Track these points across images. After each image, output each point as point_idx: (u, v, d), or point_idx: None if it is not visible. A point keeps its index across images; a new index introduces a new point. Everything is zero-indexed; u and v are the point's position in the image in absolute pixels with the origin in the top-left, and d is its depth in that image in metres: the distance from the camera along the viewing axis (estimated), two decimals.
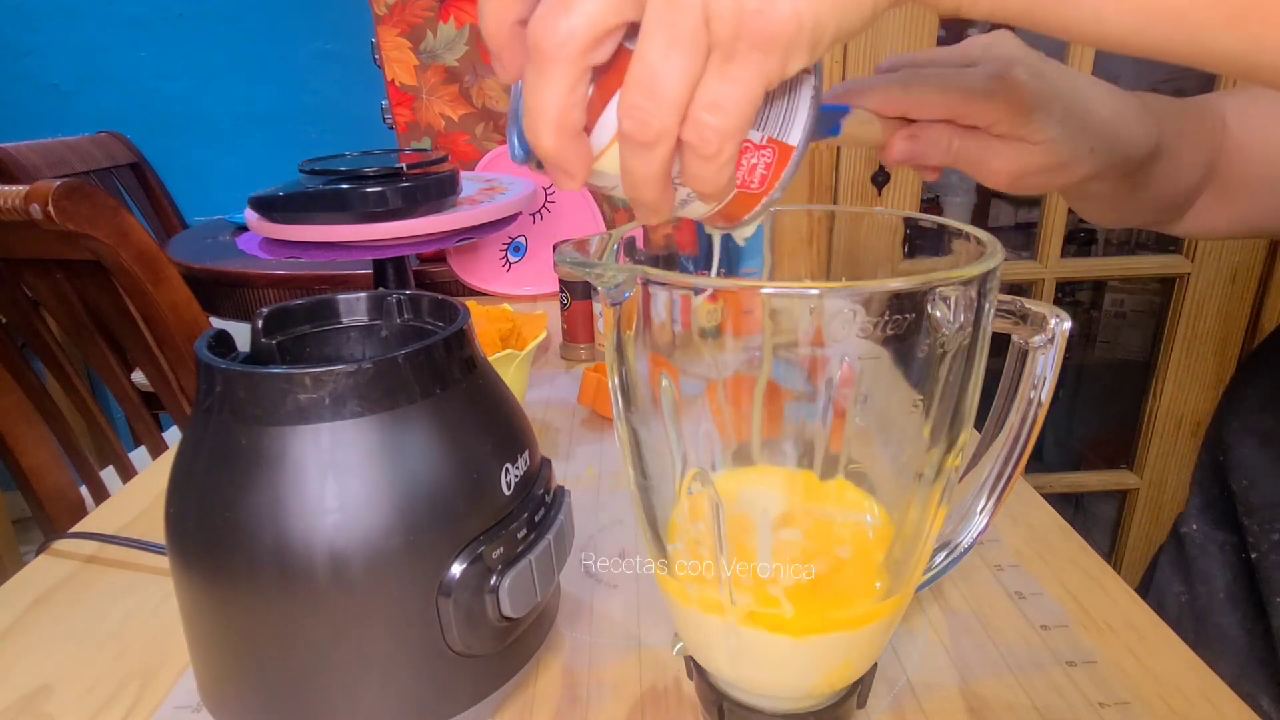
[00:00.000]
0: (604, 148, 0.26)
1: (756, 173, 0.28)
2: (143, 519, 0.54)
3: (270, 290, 1.07)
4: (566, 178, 0.26)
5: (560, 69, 0.24)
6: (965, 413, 0.29)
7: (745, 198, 0.29)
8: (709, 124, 0.25)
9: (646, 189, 0.26)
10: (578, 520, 0.42)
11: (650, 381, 0.29)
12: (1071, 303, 1.55)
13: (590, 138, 0.26)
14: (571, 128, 0.25)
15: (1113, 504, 1.39)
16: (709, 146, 0.25)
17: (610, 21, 0.24)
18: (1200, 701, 0.36)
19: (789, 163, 0.28)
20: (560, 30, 0.24)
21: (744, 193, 0.29)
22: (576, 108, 0.25)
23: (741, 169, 0.28)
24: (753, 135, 0.27)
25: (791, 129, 0.28)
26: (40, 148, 1.44)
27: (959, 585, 0.44)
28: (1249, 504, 0.53)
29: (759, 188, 0.29)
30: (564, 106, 0.25)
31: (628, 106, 0.25)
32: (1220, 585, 0.55)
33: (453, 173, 0.86)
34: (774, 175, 0.28)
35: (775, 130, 0.28)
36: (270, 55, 1.70)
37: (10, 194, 0.70)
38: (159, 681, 0.39)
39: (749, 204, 0.29)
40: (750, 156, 0.28)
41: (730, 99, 0.24)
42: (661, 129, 0.25)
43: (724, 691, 0.33)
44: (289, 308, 0.38)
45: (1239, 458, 0.54)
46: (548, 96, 0.25)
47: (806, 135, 0.28)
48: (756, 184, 0.29)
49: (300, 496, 0.30)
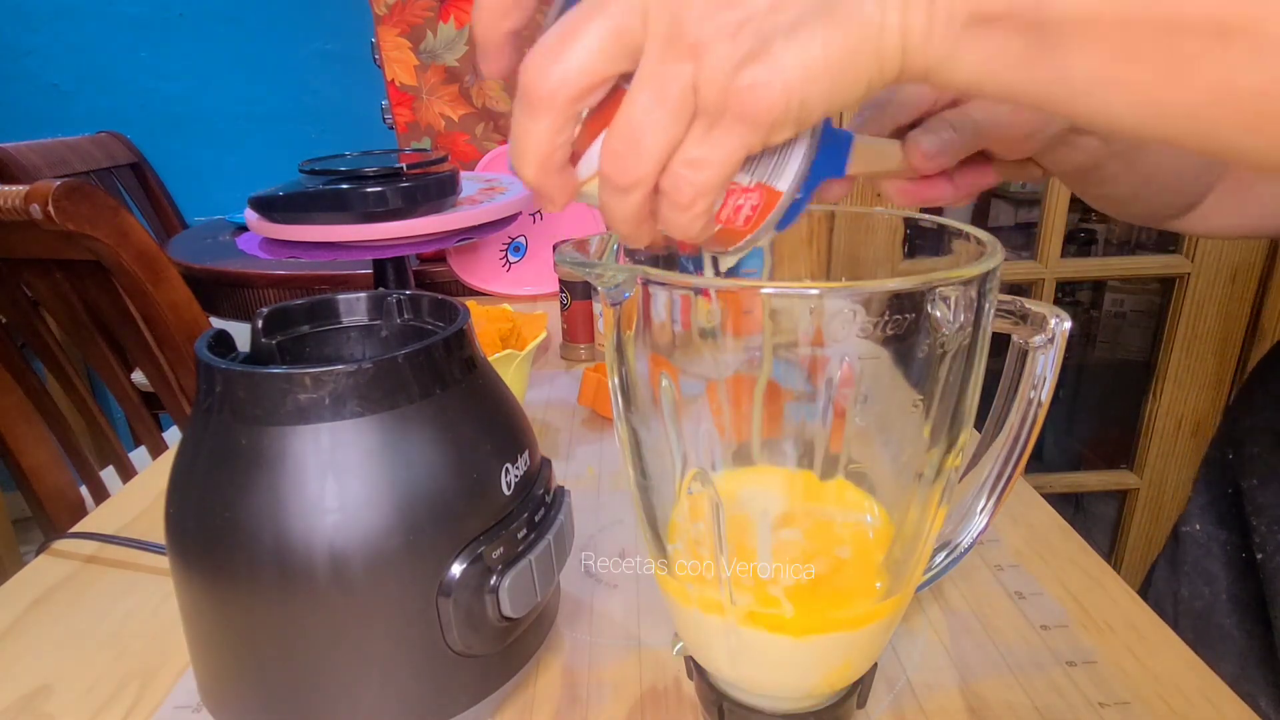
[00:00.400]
0: (589, 178, 0.27)
1: (741, 214, 0.29)
2: (143, 519, 0.54)
3: (270, 290, 1.07)
4: (549, 203, 0.27)
5: (548, 115, 0.25)
6: (965, 413, 0.29)
7: (730, 233, 0.30)
8: (685, 178, 0.25)
9: (623, 226, 0.27)
10: (578, 520, 0.42)
11: (650, 381, 0.29)
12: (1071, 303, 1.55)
13: (580, 164, 0.27)
14: (554, 166, 0.26)
15: (1113, 504, 1.39)
16: (683, 198, 0.26)
17: (601, 74, 0.24)
18: (1200, 701, 0.36)
19: (775, 207, 0.29)
20: (551, 78, 0.24)
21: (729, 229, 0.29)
22: (560, 150, 0.26)
23: (726, 208, 0.29)
24: (741, 178, 0.28)
25: (781, 176, 0.28)
26: (40, 148, 1.44)
27: (959, 585, 0.44)
28: (1257, 503, 0.53)
29: (744, 227, 0.29)
30: (548, 148, 0.26)
31: (609, 151, 0.25)
32: (1223, 585, 0.55)
33: (453, 173, 0.86)
34: (759, 217, 0.29)
35: (765, 176, 0.28)
36: (270, 55, 1.70)
37: (10, 194, 0.70)
38: (159, 681, 0.39)
39: (733, 239, 0.30)
40: (736, 198, 0.28)
41: (708, 160, 0.25)
42: (638, 177, 0.25)
43: (724, 691, 0.33)
44: (289, 308, 0.38)
45: (1250, 455, 0.54)
46: (533, 138, 0.25)
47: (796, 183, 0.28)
48: (741, 224, 0.29)
49: (300, 496, 0.30)
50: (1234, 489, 0.55)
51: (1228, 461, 0.56)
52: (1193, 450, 1.29)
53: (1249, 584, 0.54)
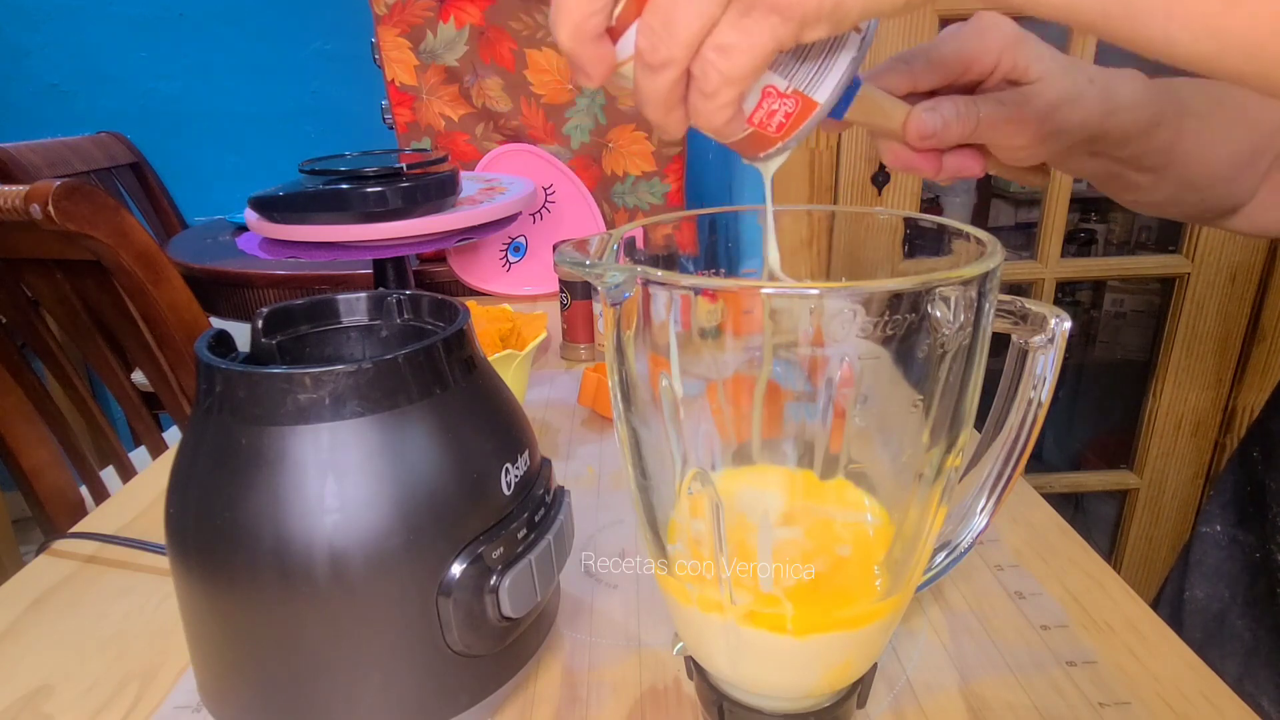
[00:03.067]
0: (627, 59, 0.28)
1: (775, 119, 0.29)
2: (143, 519, 0.54)
3: (270, 290, 1.07)
4: (583, 76, 0.28)
5: None
6: (965, 413, 0.29)
7: (761, 138, 0.30)
8: (713, 64, 0.26)
9: (651, 108, 0.28)
10: (578, 520, 0.42)
11: (650, 381, 0.29)
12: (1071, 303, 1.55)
13: (619, 42, 0.28)
14: (589, 34, 0.27)
15: (1113, 504, 1.39)
16: (709, 85, 0.26)
17: None
18: (1200, 701, 0.36)
19: (810, 117, 0.29)
20: None
21: (760, 134, 0.30)
22: (596, 17, 0.26)
23: (760, 111, 0.29)
24: (778, 82, 0.28)
25: (820, 86, 0.28)
26: (40, 148, 1.44)
27: (959, 585, 0.44)
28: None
29: (776, 133, 0.30)
30: (584, 14, 0.26)
31: (644, 27, 0.26)
32: (1241, 586, 0.55)
33: (453, 173, 0.86)
34: (793, 125, 0.29)
35: (803, 84, 0.28)
36: (270, 55, 1.70)
37: (10, 194, 0.70)
38: (159, 681, 0.39)
39: (764, 145, 0.30)
40: (772, 102, 0.29)
41: (738, 48, 0.25)
42: (669, 57, 0.26)
43: (724, 691, 0.33)
44: (289, 308, 0.38)
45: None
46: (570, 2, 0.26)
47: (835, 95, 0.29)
48: (774, 130, 0.29)
49: (300, 496, 0.30)
50: (1255, 488, 0.55)
51: (1253, 460, 0.56)
52: (1193, 450, 1.29)
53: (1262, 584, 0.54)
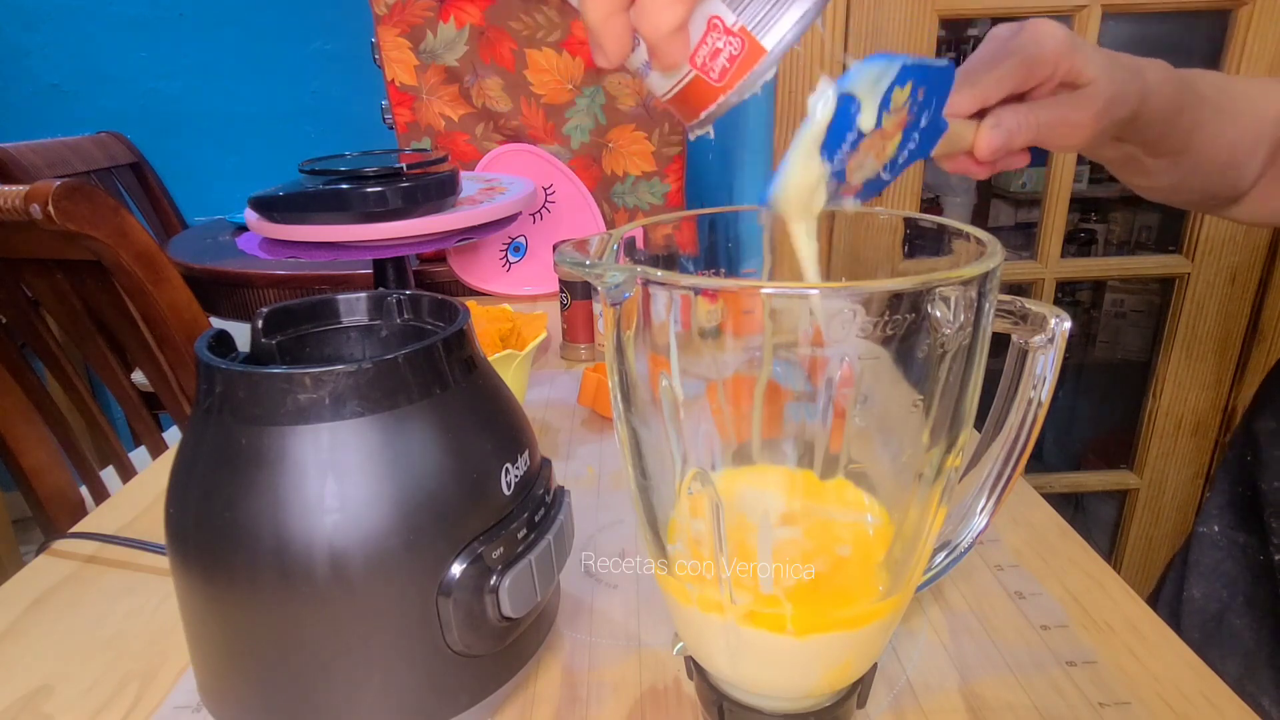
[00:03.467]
0: None
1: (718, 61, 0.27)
2: (143, 519, 0.54)
3: (270, 290, 1.07)
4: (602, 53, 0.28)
5: None
6: (965, 413, 0.29)
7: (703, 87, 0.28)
8: None
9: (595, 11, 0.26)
10: (578, 520, 0.42)
11: (650, 381, 0.29)
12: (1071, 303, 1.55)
13: None
14: None
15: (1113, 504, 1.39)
16: None
17: None
18: (1200, 702, 0.36)
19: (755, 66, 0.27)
20: None
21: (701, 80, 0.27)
22: None
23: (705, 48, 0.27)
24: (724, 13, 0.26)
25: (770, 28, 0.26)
26: (40, 148, 1.44)
27: (959, 585, 0.44)
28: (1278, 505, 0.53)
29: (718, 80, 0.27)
30: None
31: None
32: (1240, 587, 0.55)
33: (453, 173, 0.86)
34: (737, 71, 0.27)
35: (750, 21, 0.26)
36: (270, 55, 1.70)
37: (10, 194, 0.70)
38: (159, 681, 0.39)
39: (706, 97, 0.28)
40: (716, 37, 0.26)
41: None
42: None
43: (724, 691, 0.33)
44: (289, 308, 0.38)
45: (1271, 458, 0.54)
46: None
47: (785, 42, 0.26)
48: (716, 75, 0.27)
49: (300, 496, 0.30)
50: (1251, 490, 0.55)
51: (1246, 463, 0.56)
52: (1193, 450, 1.29)
53: (1264, 585, 0.54)
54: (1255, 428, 0.55)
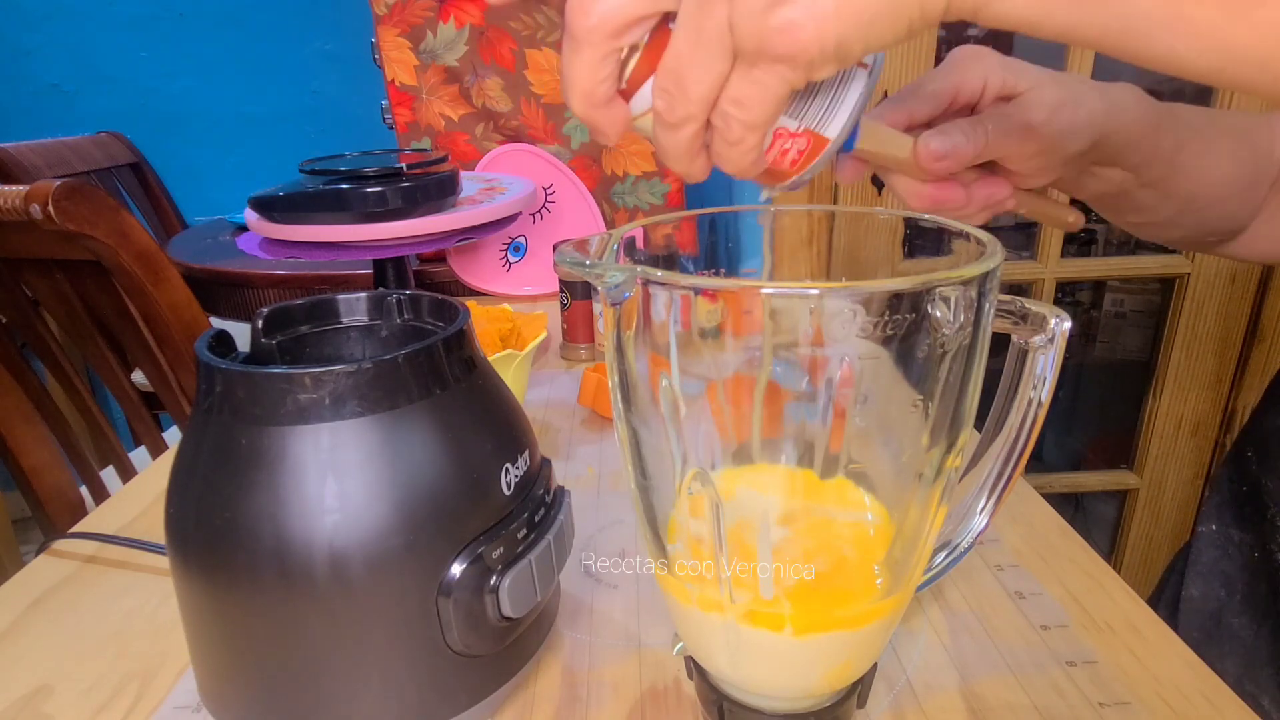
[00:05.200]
0: (643, 112, 0.28)
1: (788, 157, 0.30)
2: (143, 519, 0.54)
3: (270, 290, 1.07)
4: (600, 135, 0.29)
5: (590, 49, 0.26)
6: (965, 413, 0.29)
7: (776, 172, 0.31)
8: (733, 116, 0.26)
9: (675, 161, 0.29)
10: (578, 520, 0.42)
11: (650, 381, 0.29)
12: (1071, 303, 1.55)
13: (634, 99, 0.28)
14: (600, 99, 0.27)
15: (1113, 504, 1.39)
16: (732, 134, 0.27)
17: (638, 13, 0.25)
18: (1200, 701, 0.36)
19: (823, 151, 0.30)
20: (592, 15, 0.25)
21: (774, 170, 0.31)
22: (605, 84, 0.27)
23: (773, 152, 0.30)
24: (789, 124, 0.29)
25: (830, 122, 0.29)
26: (40, 148, 1.44)
27: (959, 585, 0.44)
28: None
29: (789, 168, 0.31)
30: (591, 82, 0.27)
31: (658, 89, 0.27)
32: (1238, 586, 0.55)
33: (453, 173, 0.86)
34: (806, 160, 0.30)
35: (813, 122, 0.29)
36: (270, 55, 1.70)
37: (10, 194, 0.70)
38: (159, 681, 0.39)
39: (780, 178, 0.31)
40: (784, 142, 0.30)
41: (753, 99, 0.26)
42: (687, 114, 0.27)
43: (724, 691, 0.33)
44: (289, 308, 0.38)
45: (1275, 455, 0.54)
46: (577, 73, 0.27)
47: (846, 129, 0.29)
48: (788, 166, 0.30)
49: (300, 496, 0.30)
50: (1252, 488, 0.55)
51: (1247, 460, 0.56)
52: (1193, 450, 1.29)
53: (1262, 584, 0.54)
54: (1265, 424, 0.55)
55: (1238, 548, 0.56)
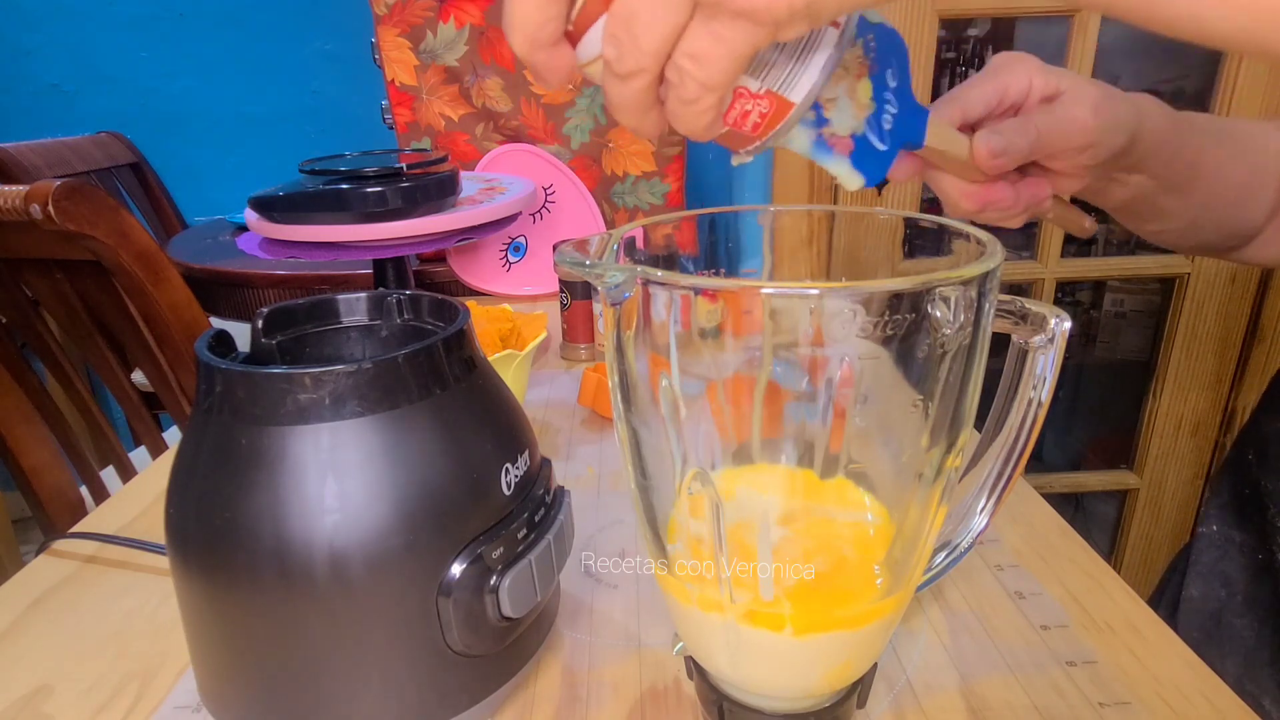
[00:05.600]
0: (591, 59, 0.26)
1: (749, 119, 0.28)
2: (143, 519, 0.54)
3: (270, 290, 1.07)
4: (541, 79, 0.27)
5: None
6: (965, 413, 0.29)
7: (738, 136, 0.29)
8: (688, 72, 0.24)
9: (624, 113, 0.27)
10: (578, 520, 0.42)
11: (650, 381, 0.29)
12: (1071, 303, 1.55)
13: (582, 43, 0.26)
14: (544, 40, 0.25)
15: (1113, 504, 1.39)
16: (687, 92, 0.25)
17: None
18: (1200, 701, 0.36)
19: (786, 116, 0.28)
20: None
21: (736, 132, 0.28)
22: (550, 24, 0.25)
23: (734, 112, 0.27)
24: (750, 84, 0.27)
25: (796, 84, 0.27)
26: (40, 148, 1.44)
27: (959, 585, 0.44)
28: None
29: (751, 131, 0.28)
30: (535, 21, 0.25)
31: (608, 35, 0.25)
32: (1239, 586, 0.55)
33: (453, 173, 0.86)
34: (768, 125, 0.28)
35: (776, 84, 0.27)
36: (270, 55, 1.70)
37: (10, 194, 0.70)
38: (159, 681, 0.39)
39: (742, 142, 0.29)
40: (745, 103, 0.27)
41: (712, 55, 0.24)
42: (638, 65, 0.25)
43: (724, 691, 0.33)
44: (289, 308, 0.38)
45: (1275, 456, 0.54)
46: (521, 8, 0.25)
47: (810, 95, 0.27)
48: (749, 129, 0.28)
49: (300, 496, 0.30)
50: (1252, 489, 0.55)
51: (1247, 462, 0.56)
52: (1193, 450, 1.29)
53: (1264, 584, 0.54)
54: (1264, 426, 0.55)
55: (1238, 548, 0.56)
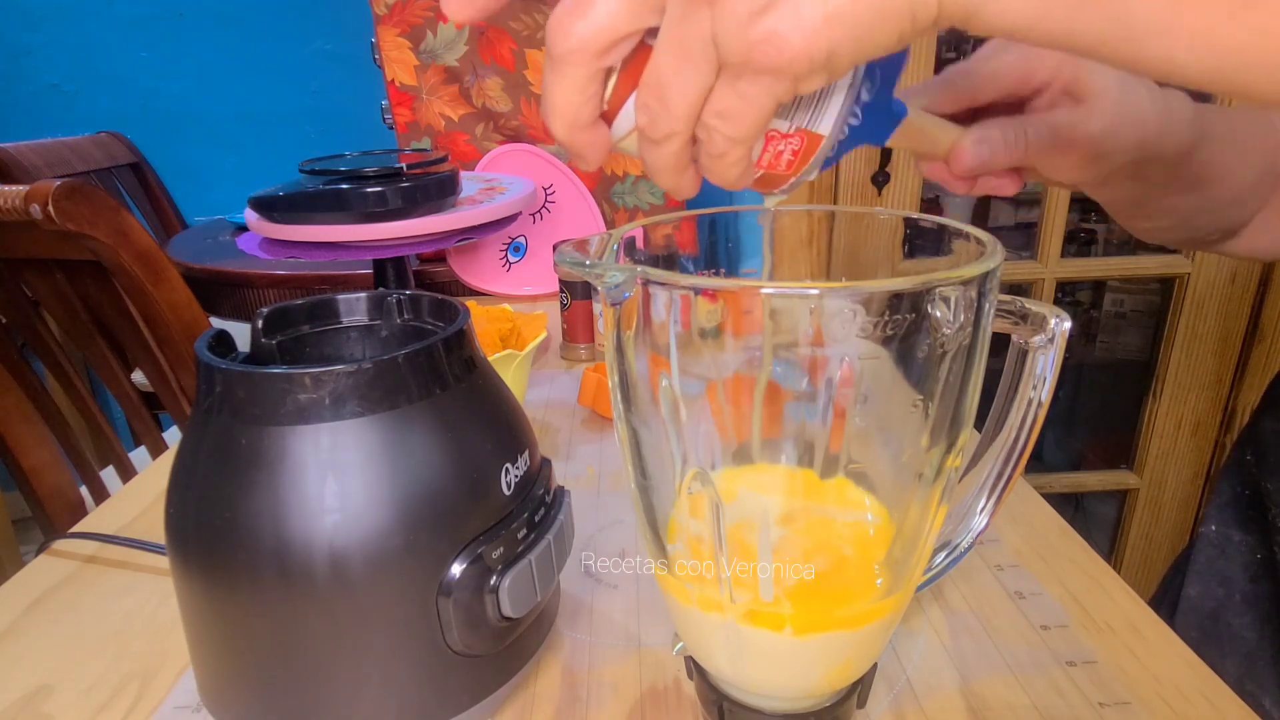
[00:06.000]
0: (626, 133, 0.28)
1: (783, 159, 0.29)
2: (143, 519, 0.54)
3: (270, 290, 1.07)
4: (581, 160, 0.28)
5: (571, 71, 0.25)
6: (965, 413, 0.29)
7: (772, 178, 0.30)
8: (718, 129, 0.26)
9: (663, 176, 0.28)
10: (578, 520, 0.42)
11: (650, 381, 0.29)
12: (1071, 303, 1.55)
13: (617, 119, 0.27)
14: (583, 122, 0.27)
15: (1113, 504, 1.39)
16: (717, 148, 0.26)
17: (623, 29, 0.25)
18: (1200, 701, 0.36)
19: (817, 150, 0.29)
20: (572, 35, 0.24)
21: (771, 174, 0.30)
22: (588, 105, 0.26)
23: (767, 154, 0.29)
24: (780, 125, 0.28)
25: (821, 120, 0.29)
26: (40, 148, 1.44)
27: (959, 585, 0.44)
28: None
29: (787, 171, 0.30)
30: (575, 105, 0.26)
31: (640, 105, 0.26)
32: (1237, 586, 0.55)
33: (453, 173, 0.86)
34: (801, 161, 0.30)
35: (804, 121, 0.29)
36: (270, 55, 1.70)
37: (10, 194, 0.70)
38: (159, 681, 0.39)
39: (777, 182, 0.31)
40: (777, 144, 0.29)
41: (738, 111, 0.25)
42: (670, 130, 0.26)
43: (724, 691, 0.33)
44: (289, 308, 0.38)
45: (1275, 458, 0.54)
46: (560, 95, 0.26)
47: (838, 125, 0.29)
48: (784, 168, 0.30)
49: (300, 496, 0.30)
50: (1252, 490, 0.55)
51: (1247, 463, 0.56)
52: (1193, 450, 1.29)
53: (1264, 585, 0.54)
54: (1263, 426, 0.55)
55: (1236, 548, 0.56)
